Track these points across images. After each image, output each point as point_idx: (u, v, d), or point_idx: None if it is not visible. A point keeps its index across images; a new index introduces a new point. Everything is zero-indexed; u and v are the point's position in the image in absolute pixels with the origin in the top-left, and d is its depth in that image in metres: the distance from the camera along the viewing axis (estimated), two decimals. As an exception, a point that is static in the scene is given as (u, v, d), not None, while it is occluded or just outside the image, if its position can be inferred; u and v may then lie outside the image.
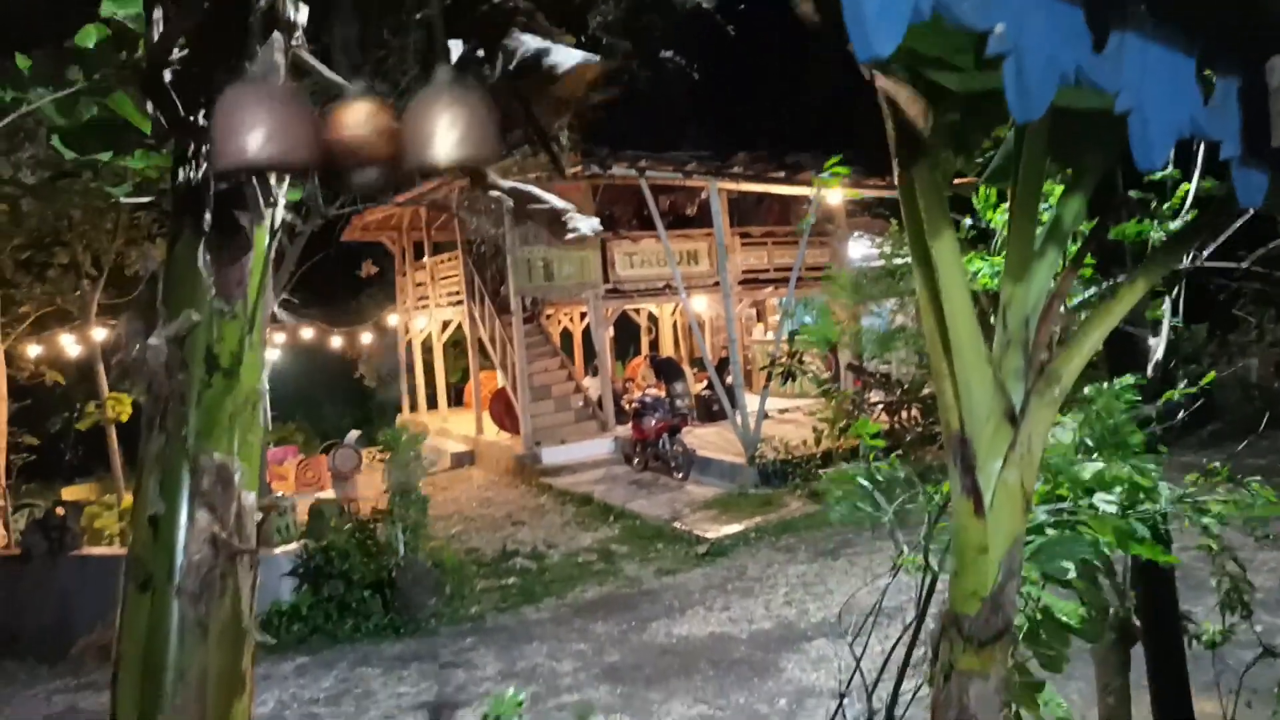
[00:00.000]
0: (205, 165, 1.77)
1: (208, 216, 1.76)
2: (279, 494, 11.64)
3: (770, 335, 16.76)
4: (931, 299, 1.47)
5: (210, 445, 1.73)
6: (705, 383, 16.08)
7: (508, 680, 6.52)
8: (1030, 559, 2.07)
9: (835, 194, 14.68)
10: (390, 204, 16.01)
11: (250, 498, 1.76)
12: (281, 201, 1.94)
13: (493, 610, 8.37)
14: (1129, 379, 2.18)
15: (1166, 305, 2.91)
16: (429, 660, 7.22)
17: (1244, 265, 2.63)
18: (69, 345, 13.78)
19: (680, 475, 12.56)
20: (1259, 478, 2.44)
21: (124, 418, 12.49)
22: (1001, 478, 1.44)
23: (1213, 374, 3.11)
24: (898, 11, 0.83)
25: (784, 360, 13.63)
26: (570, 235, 2.11)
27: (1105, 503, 1.99)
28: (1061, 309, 1.55)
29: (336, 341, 20.20)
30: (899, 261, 11.61)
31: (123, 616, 1.71)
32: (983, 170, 1.69)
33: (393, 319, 20.39)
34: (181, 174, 1.82)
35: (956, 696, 1.46)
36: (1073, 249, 2.18)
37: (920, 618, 2.50)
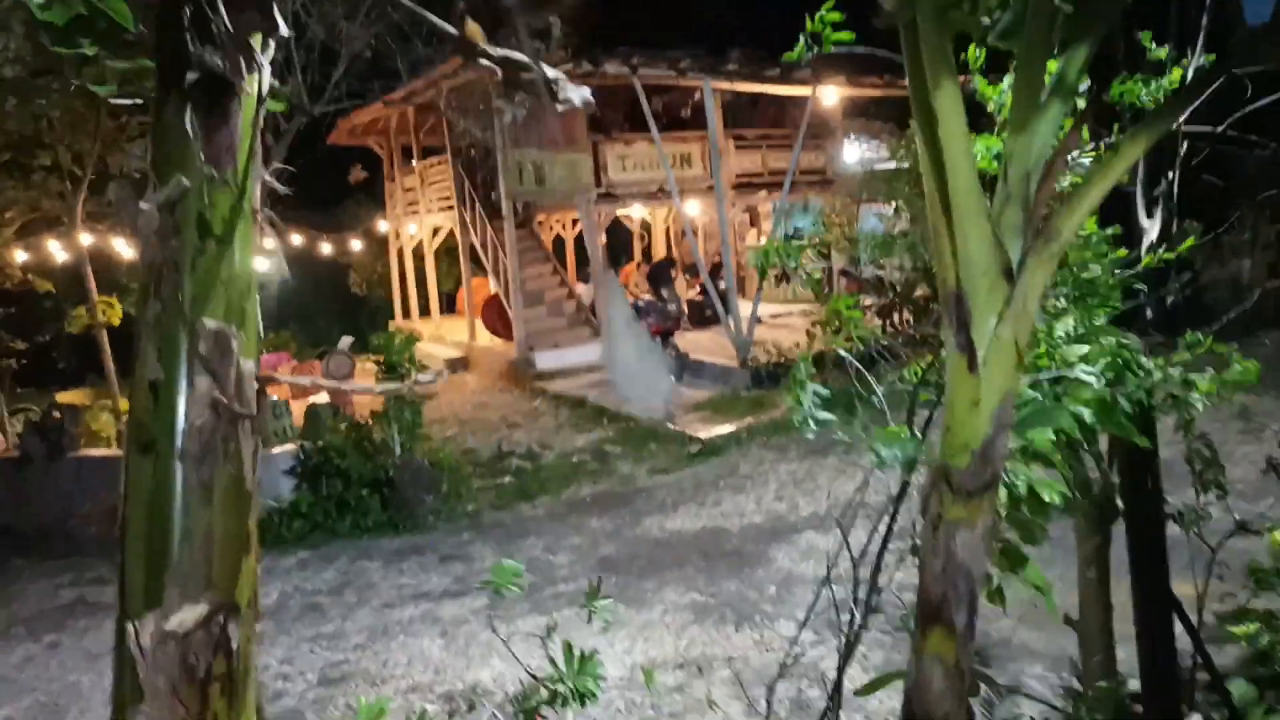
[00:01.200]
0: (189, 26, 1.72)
1: (192, 78, 1.71)
2: (273, 398, 11.72)
3: (764, 240, 16.65)
4: (931, 154, 1.46)
5: (207, 312, 1.73)
6: (698, 288, 16.06)
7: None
8: (1013, 429, 2.10)
9: (831, 95, 14.40)
10: (377, 104, 15.67)
11: (249, 365, 1.76)
12: (266, 68, 1.89)
13: (489, 508, 8.54)
14: (1109, 230, 2.18)
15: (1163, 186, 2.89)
16: (428, 554, 7.39)
17: (1220, 129, 2.62)
18: (56, 251, 13.65)
19: (673, 378, 12.64)
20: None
21: (115, 321, 12.45)
22: (996, 334, 1.45)
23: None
24: None
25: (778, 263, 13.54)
26: (562, 105, 2.07)
27: (1087, 374, 2.00)
28: (1065, 167, 1.54)
29: (326, 249, 20.00)
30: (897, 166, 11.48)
31: (127, 480, 1.73)
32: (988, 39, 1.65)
33: (383, 225, 20.17)
34: (166, 37, 1.77)
35: (944, 545, 1.50)
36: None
37: (905, 486, 2.56)
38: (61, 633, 6.42)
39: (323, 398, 11.75)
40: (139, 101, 2.12)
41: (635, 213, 19.78)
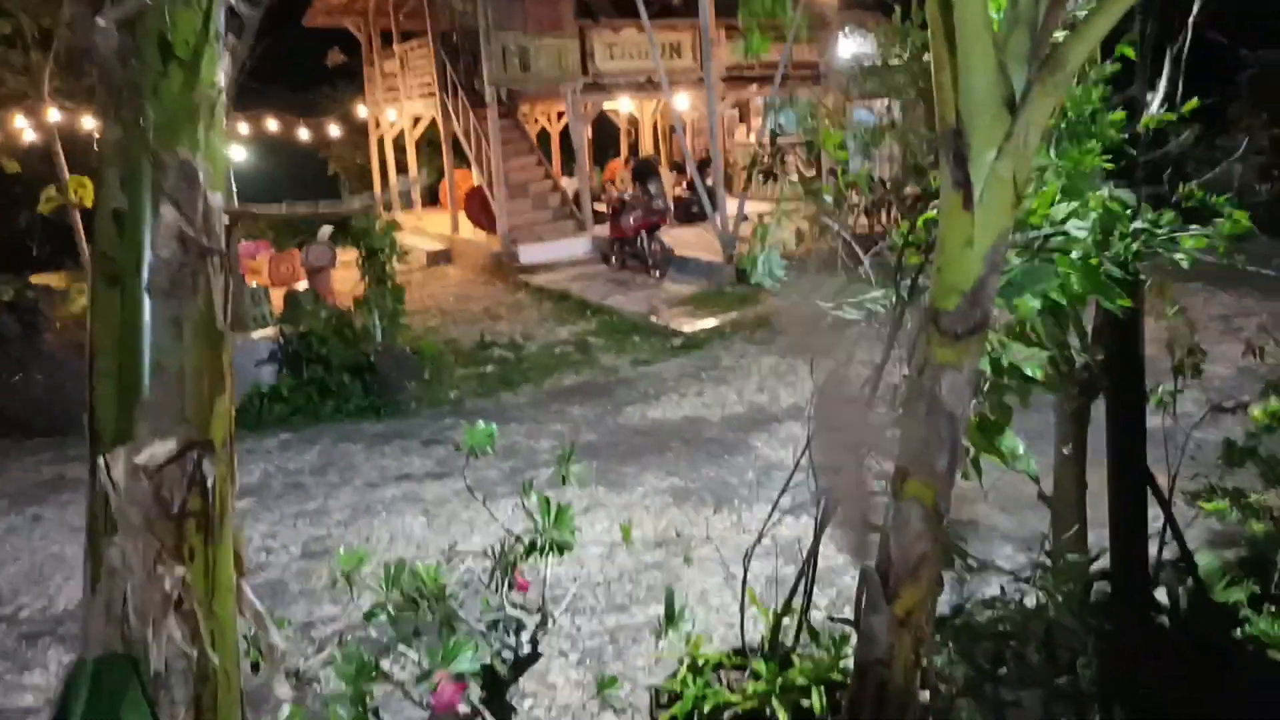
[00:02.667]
0: None
1: (147, -121, 1.59)
2: (252, 284, 11.58)
3: (753, 137, 16.32)
4: (937, -25, 1.38)
5: (171, 141, 1.65)
6: (685, 184, 15.81)
7: (488, 456, 6.73)
8: (1000, 293, 2.07)
9: (829, -19, 13.89)
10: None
11: (216, 198, 1.69)
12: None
13: (471, 395, 8.56)
14: (1109, 69, 2.11)
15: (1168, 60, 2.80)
16: (410, 438, 7.43)
17: None
18: (24, 130, 13.17)
19: (658, 273, 12.58)
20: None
21: (87, 202, 12.13)
22: (994, 169, 1.40)
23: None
24: None
25: (766, 160, 13.35)
26: None
27: (1077, 229, 1.96)
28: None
29: (304, 135, 19.44)
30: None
31: (94, 312, 1.68)
32: None
33: (362, 111, 19.57)
34: None
35: (929, 388, 1.49)
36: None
37: (884, 359, 2.54)
38: (44, 506, 6.46)
39: (303, 285, 11.62)
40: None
41: (623, 107, 19.28)
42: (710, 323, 10.12)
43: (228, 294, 1.72)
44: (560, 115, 18.41)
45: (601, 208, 15.09)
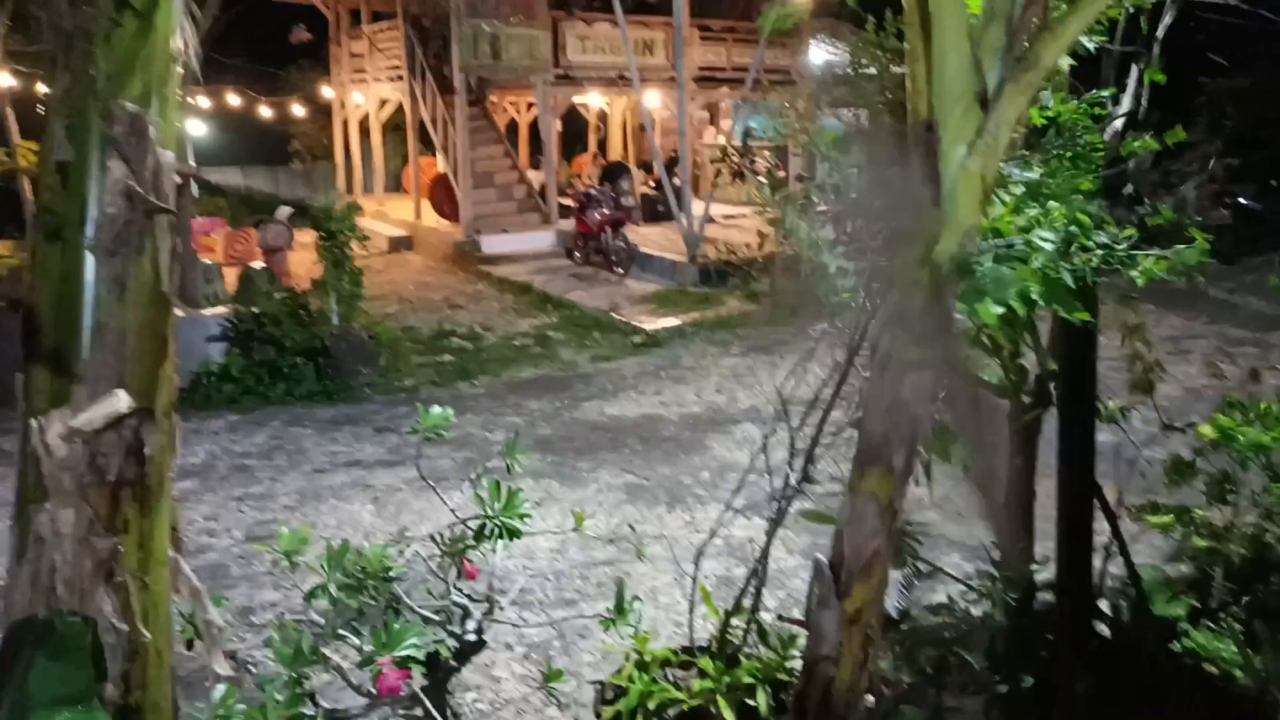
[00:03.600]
0: None
1: None
2: (206, 261, 11.32)
3: (722, 139, 16.36)
4: (918, -33, 1.37)
5: (122, 93, 1.59)
6: (652, 182, 15.79)
7: (441, 446, 6.64)
8: (960, 299, 2.07)
9: (803, -11, 13.96)
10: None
11: (168, 156, 1.63)
12: None
13: (428, 384, 8.45)
14: (1101, 94, 2.13)
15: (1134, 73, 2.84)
16: (363, 424, 7.32)
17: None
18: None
19: (621, 270, 12.54)
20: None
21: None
22: (965, 164, 1.40)
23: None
24: None
25: (734, 161, 13.38)
26: None
27: (1043, 240, 1.97)
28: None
29: (267, 112, 19.07)
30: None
31: (33, 269, 1.61)
32: None
33: (327, 92, 19.25)
34: None
35: (892, 385, 1.48)
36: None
37: (850, 359, 2.54)
38: (-23, 480, 6.24)
39: (258, 264, 11.39)
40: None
41: (593, 102, 19.22)
42: (672, 322, 10.12)
43: (175, 257, 1.66)
44: (530, 106, 18.28)
45: (568, 202, 15.02)
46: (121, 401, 1.56)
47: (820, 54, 15.95)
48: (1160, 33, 3.02)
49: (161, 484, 1.66)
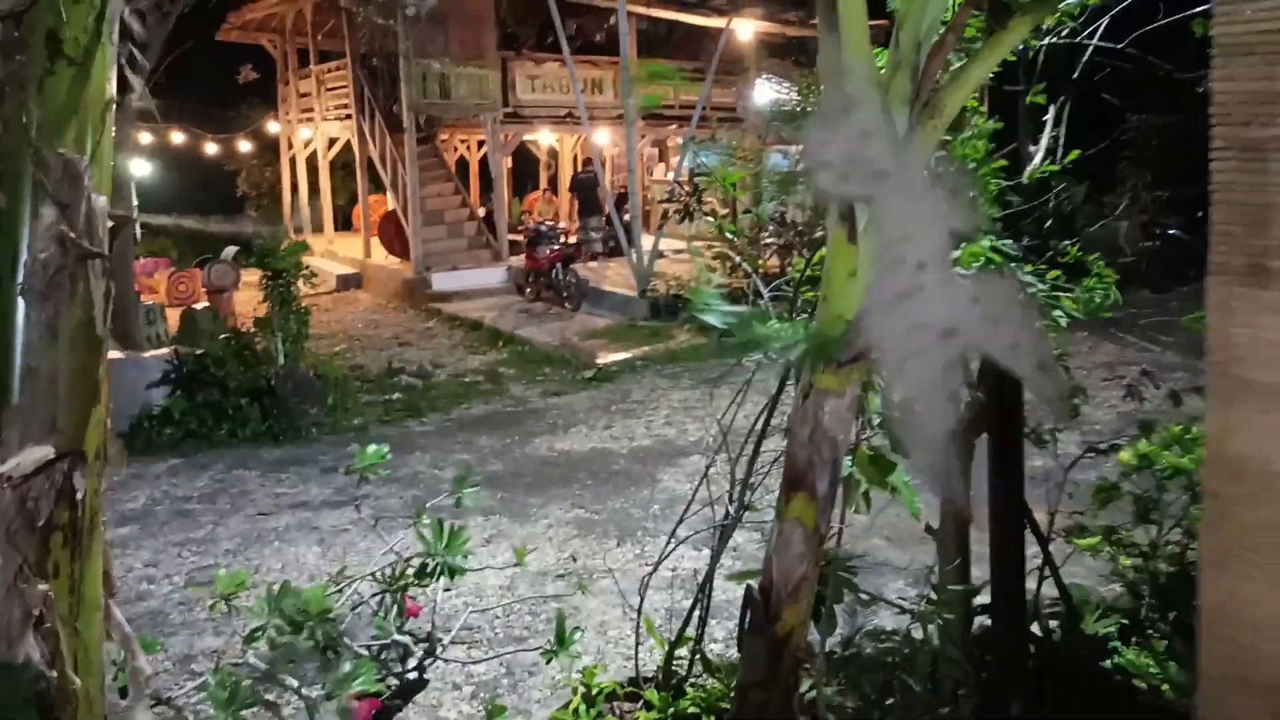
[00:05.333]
0: None
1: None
2: (148, 302, 11.13)
3: (670, 175, 16.57)
4: (828, 20, 1.45)
5: (56, 139, 1.60)
6: (604, 218, 15.92)
7: (389, 485, 6.61)
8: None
9: (747, 28, 14.32)
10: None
11: (101, 201, 1.65)
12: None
13: (376, 422, 8.38)
14: (991, 125, 2.24)
15: (1051, 113, 2.98)
16: (309, 465, 7.22)
17: (1123, 45, 2.72)
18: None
19: (571, 305, 12.60)
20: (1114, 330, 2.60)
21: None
22: (876, 205, 1.47)
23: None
24: None
25: (683, 198, 13.54)
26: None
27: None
28: (956, 43, 1.55)
29: (213, 150, 18.90)
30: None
31: (-38, 315, 1.60)
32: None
33: (274, 126, 19.14)
34: None
35: (813, 412, 1.54)
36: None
37: (780, 390, 2.61)
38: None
39: (202, 303, 11.23)
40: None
41: (543, 139, 19.39)
42: (622, 356, 10.18)
43: (109, 300, 1.66)
44: (480, 144, 18.38)
45: (518, 238, 15.07)
46: (52, 446, 1.55)
47: (766, 92, 16.27)
48: (1076, 74, 3.17)
49: (94, 528, 1.65)
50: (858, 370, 1.54)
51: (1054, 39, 2.44)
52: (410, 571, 2.21)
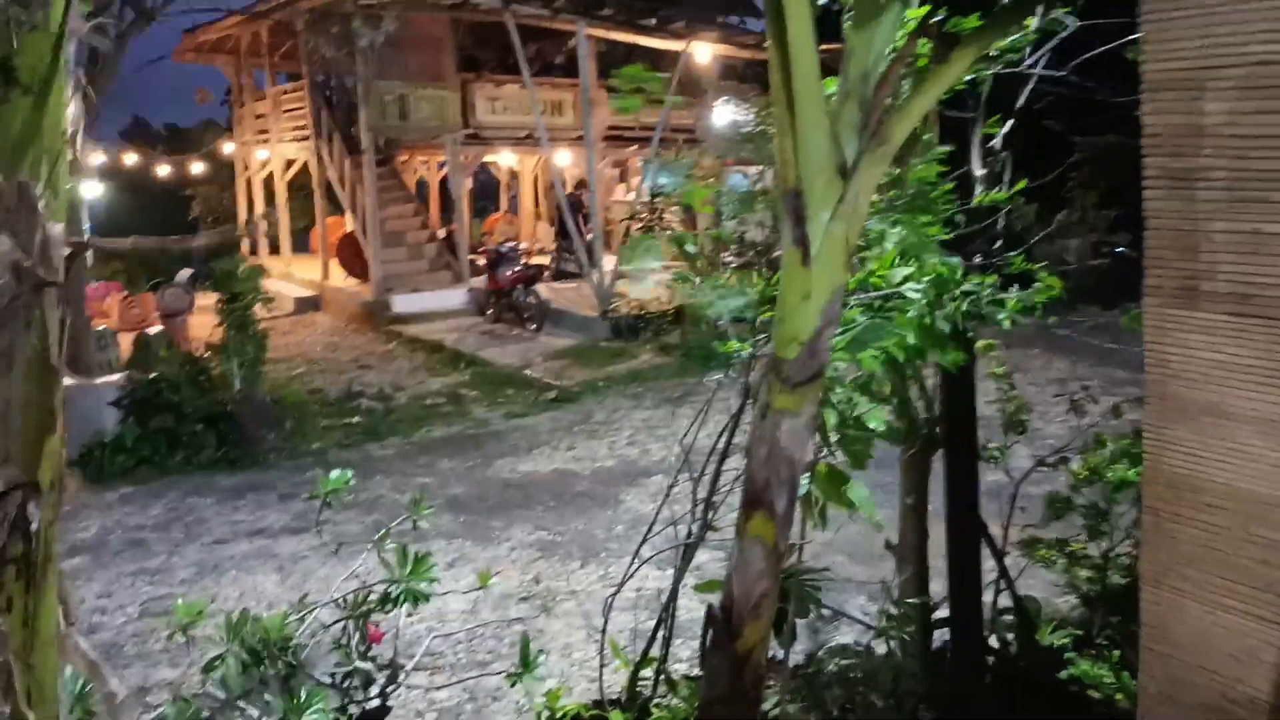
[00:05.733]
0: None
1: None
2: (100, 327, 10.93)
3: (632, 195, 16.68)
4: (779, 52, 1.49)
5: (12, 168, 1.59)
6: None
7: (349, 510, 6.53)
8: (844, 348, 2.19)
9: (705, 52, 14.49)
10: (229, 19, 14.66)
11: (57, 229, 1.63)
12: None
13: (336, 447, 8.29)
14: (941, 150, 2.31)
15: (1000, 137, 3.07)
16: (267, 492, 7.11)
17: (1063, 72, 2.81)
18: None
19: (533, 326, 12.59)
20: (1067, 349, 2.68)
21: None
22: (829, 229, 1.51)
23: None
24: None
25: (644, 219, 13.66)
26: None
27: (913, 291, 2.12)
28: (901, 75, 1.60)
29: (165, 172, 18.65)
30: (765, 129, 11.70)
31: (-89, 345, 1.58)
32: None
33: (229, 148, 18.94)
34: None
35: (770, 432, 1.57)
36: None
37: (740, 409, 2.65)
38: None
39: (155, 328, 11.05)
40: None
41: (504, 160, 19.41)
42: (584, 376, 10.18)
43: (63, 329, 1.65)
44: (441, 165, 18.34)
45: (479, 259, 15.04)
46: (5, 478, 1.53)
47: (725, 114, 16.47)
48: (1020, 102, 3.26)
49: (48, 559, 1.63)
50: (813, 390, 1.57)
51: (998, 69, 2.52)
52: (373, 598, 2.19)
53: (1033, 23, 2.37)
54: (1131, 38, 2.55)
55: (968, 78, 2.51)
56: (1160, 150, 0.88)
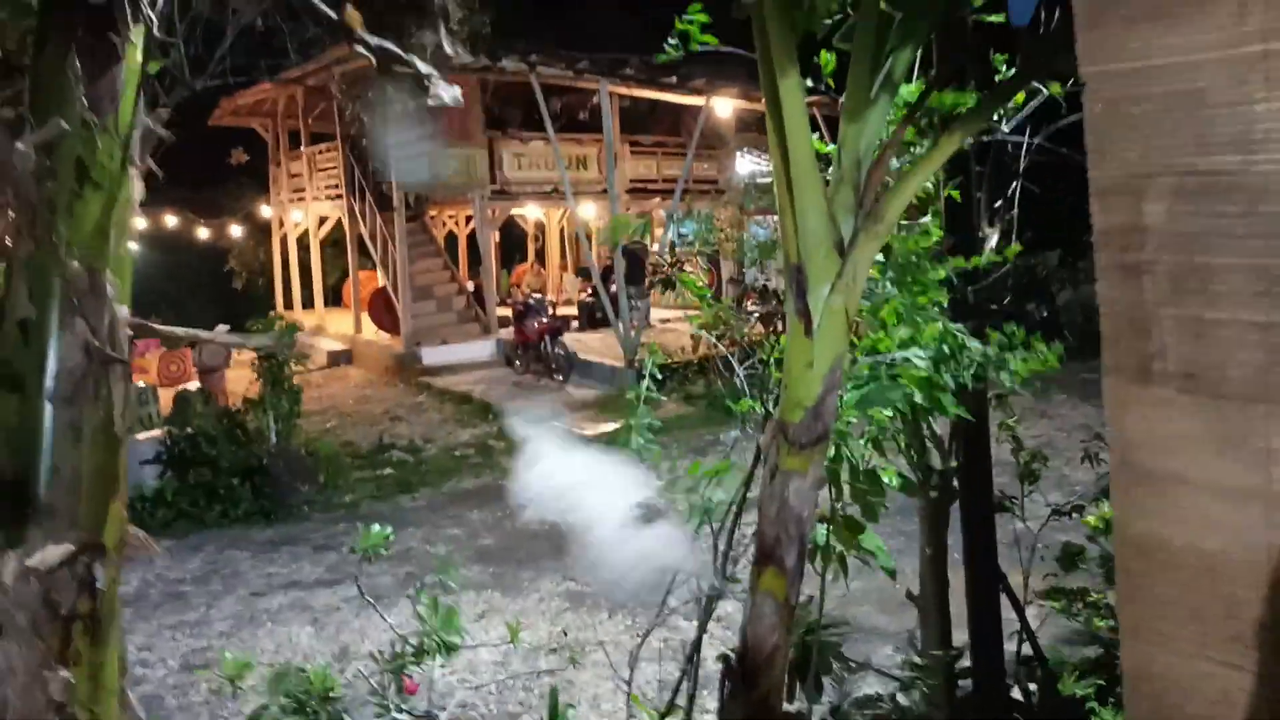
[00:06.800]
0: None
1: (78, 22, 1.74)
2: (139, 384, 11.23)
3: (655, 246, 16.92)
4: (777, 137, 1.62)
5: (83, 257, 1.75)
6: (589, 290, 16.19)
7: (382, 562, 6.63)
8: (855, 406, 2.30)
9: (725, 107, 14.79)
10: (266, 83, 15.19)
11: (123, 310, 1.79)
12: (153, 21, 1.92)
13: (368, 499, 8.43)
14: (928, 219, 2.41)
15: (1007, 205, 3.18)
16: (301, 544, 7.26)
17: (1036, 140, 2.91)
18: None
19: (560, 377, 12.75)
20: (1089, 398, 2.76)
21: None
22: (829, 302, 1.63)
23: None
24: None
25: (667, 269, 13.87)
26: (432, 101, 2.19)
27: (917, 358, 2.22)
28: (893, 159, 1.73)
29: (204, 233, 19.21)
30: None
31: (-9, 419, 1.73)
32: (832, 34, 1.84)
33: (266, 211, 19.50)
34: (49, -22, 1.79)
35: (779, 492, 1.67)
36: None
37: (756, 462, 2.74)
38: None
39: (193, 384, 11.33)
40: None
41: (530, 213, 19.79)
42: (611, 426, 10.28)
43: (127, 401, 1.80)
44: (468, 219, 18.74)
45: (507, 312, 15.30)
46: (75, 540, 1.67)
47: (746, 165, 16.67)
48: (1022, 165, 3.36)
49: (112, 615, 1.76)
50: (818, 452, 1.68)
51: (990, 137, 2.64)
52: (409, 650, 2.30)
53: (1021, 98, 2.49)
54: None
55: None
56: (1110, 246, 0.98)
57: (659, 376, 2.61)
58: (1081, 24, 1.06)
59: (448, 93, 2.18)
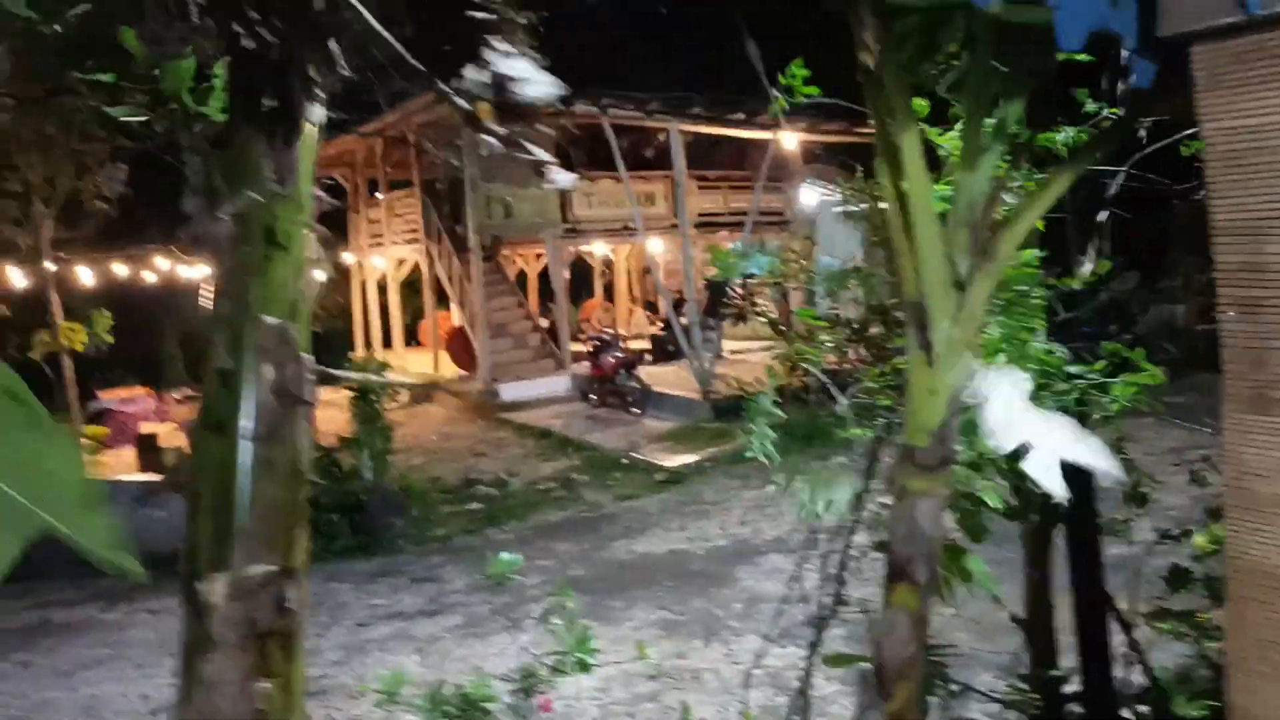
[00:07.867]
0: (262, 64, 1.99)
1: (265, 106, 1.98)
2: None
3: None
4: (894, 187, 1.77)
5: (271, 310, 1.98)
6: (661, 323, 16.40)
7: (477, 592, 6.87)
8: (960, 432, 2.39)
9: (791, 140, 14.94)
10: (349, 136, 15.86)
11: (307, 358, 2.01)
12: (324, 98, 2.16)
13: (459, 532, 8.68)
14: (1033, 252, 2.51)
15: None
16: (399, 576, 7.52)
17: (1125, 168, 2.98)
18: (16, 277, 13.49)
19: (636, 410, 12.93)
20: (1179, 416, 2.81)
21: (79, 347, 12.36)
22: (949, 335, 1.76)
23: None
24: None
25: (740, 302, 13.99)
26: (548, 185, 2.42)
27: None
28: (1003, 197, 1.86)
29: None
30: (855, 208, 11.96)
31: (197, 457, 1.96)
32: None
33: (347, 257, 20.24)
34: (239, 72, 2.04)
35: (908, 511, 1.79)
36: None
37: (868, 478, 2.85)
38: (31, 653, 6.42)
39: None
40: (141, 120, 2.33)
41: (598, 250, 20.16)
42: (690, 458, 10.41)
43: (309, 438, 2.01)
44: (539, 256, 19.18)
45: (580, 347, 15.58)
46: (271, 563, 1.88)
47: (812, 196, 16.71)
48: (1112, 191, 3.43)
49: (300, 630, 1.96)
50: (944, 474, 1.80)
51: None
52: (544, 669, 2.46)
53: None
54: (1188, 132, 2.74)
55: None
56: (1231, 282, 1.09)
57: (777, 400, 2.72)
58: (1203, 86, 1.19)
59: (564, 178, 2.40)
